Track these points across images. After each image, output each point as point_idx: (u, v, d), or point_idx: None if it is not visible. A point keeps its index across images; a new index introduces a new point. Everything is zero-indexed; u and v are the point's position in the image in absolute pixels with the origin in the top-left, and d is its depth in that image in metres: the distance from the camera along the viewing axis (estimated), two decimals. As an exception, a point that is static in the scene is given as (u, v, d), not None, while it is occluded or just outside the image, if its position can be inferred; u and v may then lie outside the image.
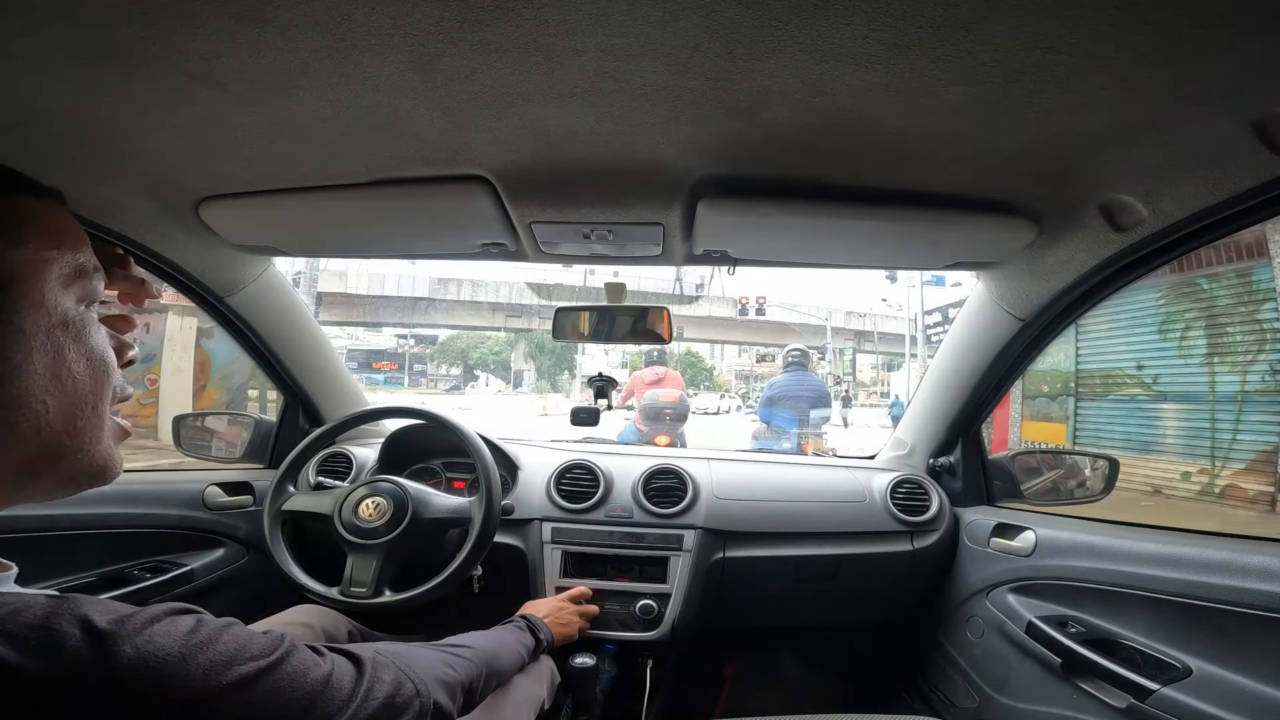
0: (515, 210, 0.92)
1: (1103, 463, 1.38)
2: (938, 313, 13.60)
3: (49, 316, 0.39)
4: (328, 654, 0.47)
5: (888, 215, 0.89)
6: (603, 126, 0.71)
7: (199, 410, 6.20)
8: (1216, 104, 0.62)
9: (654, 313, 1.23)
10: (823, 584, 1.38)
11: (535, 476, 1.42)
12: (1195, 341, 5.12)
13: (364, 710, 0.46)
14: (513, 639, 0.91)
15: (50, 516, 1.05)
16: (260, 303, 1.29)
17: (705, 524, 1.33)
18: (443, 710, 0.57)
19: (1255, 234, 4.46)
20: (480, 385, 30.64)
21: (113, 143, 0.76)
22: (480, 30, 0.54)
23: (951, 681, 1.33)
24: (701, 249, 1.04)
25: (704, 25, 0.52)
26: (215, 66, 0.59)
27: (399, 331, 28.61)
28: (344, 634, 1.01)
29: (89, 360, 0.41)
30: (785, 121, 0.69)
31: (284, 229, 1.05)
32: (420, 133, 0.73)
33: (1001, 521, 1.27)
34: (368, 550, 1.06)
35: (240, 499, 1.35)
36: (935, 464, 1.46)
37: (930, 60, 0.56)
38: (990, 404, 1.37)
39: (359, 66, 0.59)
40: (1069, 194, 0.84)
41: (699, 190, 0.86)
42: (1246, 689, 0.76)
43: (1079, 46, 0.54)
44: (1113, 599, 0.98)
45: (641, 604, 1.23)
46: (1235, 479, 4.62)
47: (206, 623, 0.39)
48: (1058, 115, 0.65)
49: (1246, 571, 0.79)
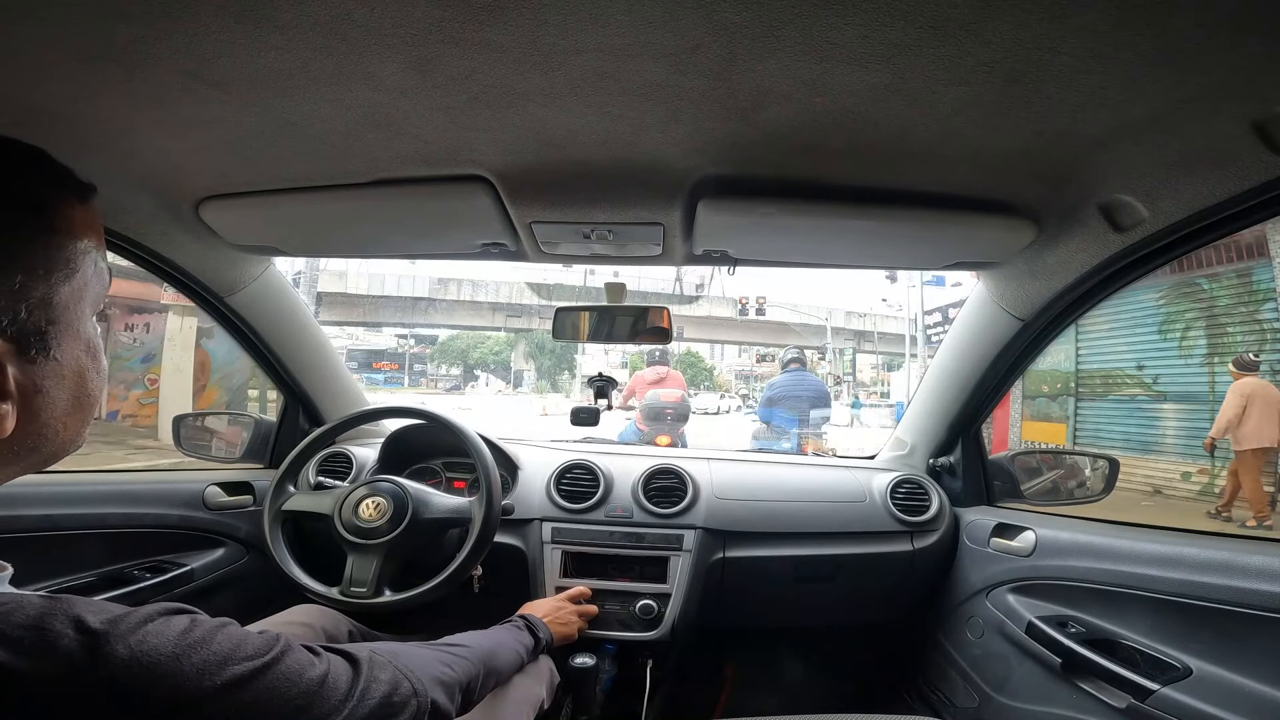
0: (515, 210, 0.92)
1: (1103, 463, 1.38)
2: (938, 313, 13.60)
3: (80, 343, 0.40)
4: (324, 654, 0.47)
5: (888, 215, 0.89)
6: (603, 126, 0.71)
7: (199, 410, 6.20)
8: (1217, 104, 0.62)
9: (654, 312, 1.23)
10: (823, 584, 1.38)
11: (535, 476, 1.42)
12: (1195, 342, 5.12)
13: (360, 710, 0.46)
14: (511, 638, 0.91)
15: (50, 516, 1.05)
16: (260, 302, 1.29)
17: (705, 524, 1.33)
18: (440, 709, 0.57)
19: (1255, 234, 4.47)
20: (480, 385, 30.64)
21: (113, 142, 0.76)
22: (480, 30, 0.54)
23: (951, 681, 1.33)
24: (701, 249, 1.04)
25: (704, 25, 0.52)
26: (216, 66, 0.59)
27: (399, 331, 28.62)
28: (344, 634, 1.01)
29: (99, 374, 0.42)
30: (785, 121, 0.69)
31: (284, 229, 1.05)
32: (420, 132, 0.73)
33: (1001, 521, 1.27)
34: (368, 550, 1.06)
35: (240, 499, 1.35)
36: (935, 464, 1.46)
37: (930, 60, 0.56)
38: (990, 404, 1.37)
39: (359, 66, 0.59)
40: (1069, 194, 0.84)
41: (699, 190, 0.86)
42: (1246, 689, 0.76)
43: (1079, 47, 0.54)
44: (1113, 599, 0.98)
45: (641, 604, 1.23)
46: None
47: (201, 622, 0.39)
48: (1058, 115, 0.65)
49: (1246, 571, 0.79)
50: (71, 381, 0.39)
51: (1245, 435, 3.82)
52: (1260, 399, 3.78)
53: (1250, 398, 3.74)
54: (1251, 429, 3.74)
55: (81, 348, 0.40)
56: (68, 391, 0.39)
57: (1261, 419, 3.67)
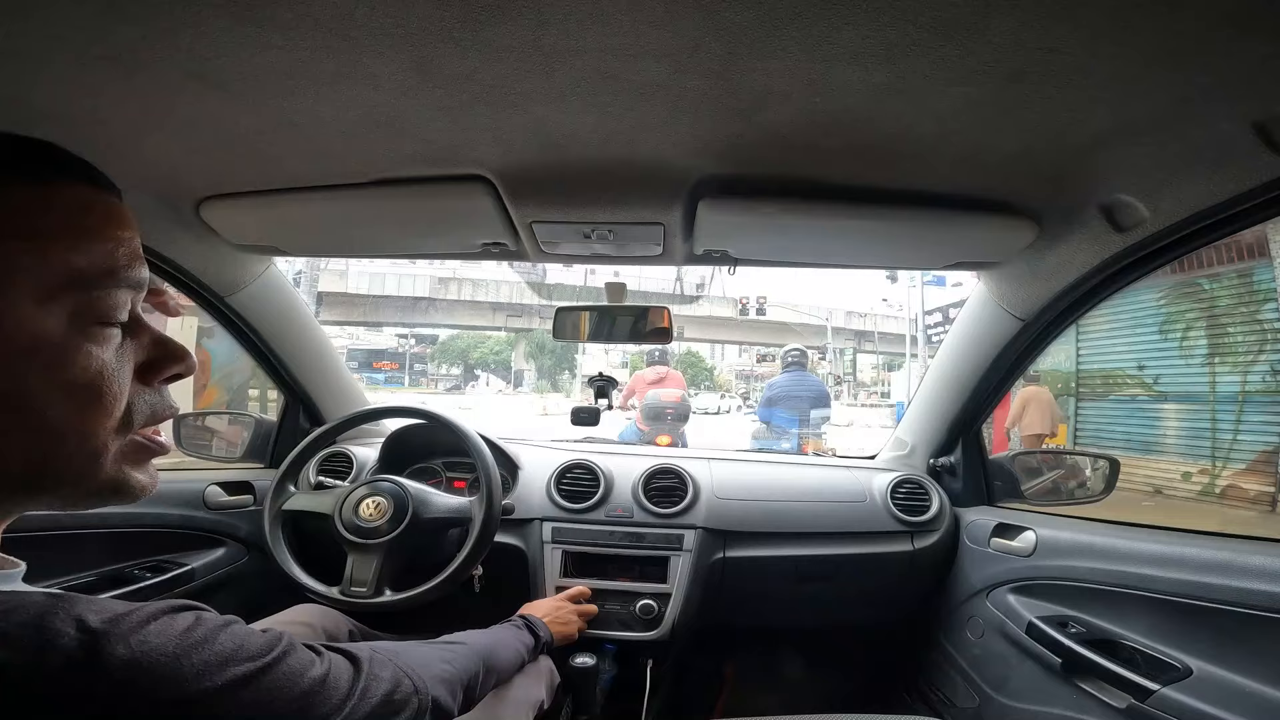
0: (516, 210, 0.92)
1: (1103, 463, 1.38)
2: (938, 313, 13.60)
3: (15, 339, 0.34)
4: (325, 653, 0.46)
5: (888, 215, 0.89)
6: (603, 126, 0.71)
7: (200, 409, 6.20)
8: (1217, 104, 0.61)
9: (655, 312, 1.23)
10: (823, 584, 1.38)
11: (535, 476, 1.42)
12: (1196, 342, 5.12)
13: (362, 708, 0.46)
14: (511, 637, 0.91)
15: (52, 516, 1.04)
16: (261, 302, 1.29)
17: (705, 524, 1.33)
18: (441, 706, 0.57)
19: (1256, 234, 4.46)
20: (481, 385, 30.65)
21: (114, 142, 0.76)
22: (481, 30, 0.54)
23: (951, 681, 1.33)
24: (702, 249, 1.04)
25: (705, 25, 0.52)
26: (216, 66, 0.59)
27: (399, 331, 28.62)
28: (344, 634, 1.01)
29: (89, 382, 0.37)
30: (786, 121, 0.69)
31: (285, 228, 1.05)
32: (421, 132, 0.73)
33: (1002, 522, 1.27)
34: (368, 550, 1.06)
35: (241, 498, 1.35)
36: (936, 464, 1.46)
37: (931, 60, 0.56)
38: (991, 404, 1.37)
39: (360, 66, 0.59)
40: (1070, 194, 0.84)
41: (699, 190, 0.86)
42: (1247, 689, 0.76)
43: (1080, 47, 0.54)
44: (1113, 599, 0.98)
45: (642, 604, 1.23)
46: (1236, 479, 4.62)
47: (205, 620, 0.39)
48: (1058, 115, 0.65)
49: (1247, 572, 0.79)
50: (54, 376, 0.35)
51: (1025, 426, 5.60)
52: (1034, 400, 5.54)
53: (1027, 400, 5.51)
54: (1028, 422, 5.56)
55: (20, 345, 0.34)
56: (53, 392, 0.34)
57: (1034, 414, 5.50)
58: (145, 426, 0.41)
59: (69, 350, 0.36)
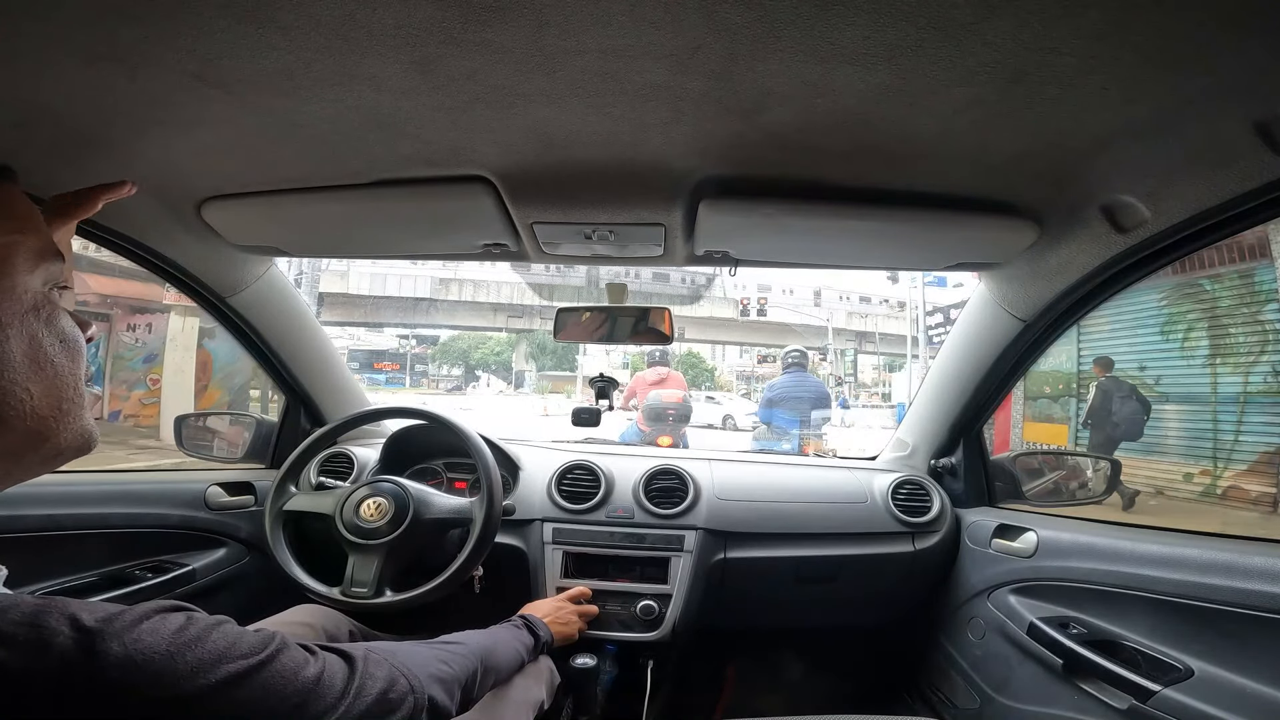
0: (517, 211, 0.92)
1: (1104, 464, 1.38)
2: (939, 313, 13.59)
3: (20, 303, 0.40)
4: (320, 652, 0.47)
5: (889, 216, 0.89)
6: (604, 127, 0.71)
7: (201, 410, 6.21)
8: (1219, 105, 0.61)
9: (655, 313, 1.23)
10: (824, 585, 1.38)
11: (536, 477, 1.42)
12: (1197, 343, 5.11)
13: (356, 707, 0.46)
14: (511, 636, 0.91)
15: (52, 516, 1.05)
16: (262, 303, 1.29)
17: (706, 525, 1.33)
18: (438, 706, 0.56)
19: (1258, 235, 4.45)
20: (482, 386, 30.64)
21: (115, 143, 0.76)
22: (482, 31, 0.54)
23: (952, 682, 1.33)
24: (703, 249, 1.04)
25: (705, 26, 0.53)
26: (218, 67, 0.59)
27: (400, 332, 28.60)
28: (345, 634, 1.01)
29: (63, 342, 0.42)
30: (787, 122, 0.69)
31: (286, 229, 1.06)
32: (422, 133, 0.73)
33: (1003, 523, 1.27)
34: (369, 550, 1.06)
35: (242, 499, 1.35)
36: (937, 465, 1.46)
37: (932, 61, 0.56)
38: (992, 405, 1.37)
39: (361, 67, 0.59)
40: (1071, 194, 0.84)
41: (700, 191, 0.86)
42: (1248, 690, 0.76)
43: (1080, 47, 0.54)
44: (1114, 600, 0.98)
45: (642, 604, 1.23)
46: (1237, 480, 4.62)
47: (196, 620, 0.39)
48: (1059, 116, 0.65)
49: (1248, 573, 0.79)
50: (20, 342, 0.39)
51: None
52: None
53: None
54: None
55: (25, 308, 0.40)
56: (19, 353, 0.39)
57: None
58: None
59: (56, 306, 0.42)
